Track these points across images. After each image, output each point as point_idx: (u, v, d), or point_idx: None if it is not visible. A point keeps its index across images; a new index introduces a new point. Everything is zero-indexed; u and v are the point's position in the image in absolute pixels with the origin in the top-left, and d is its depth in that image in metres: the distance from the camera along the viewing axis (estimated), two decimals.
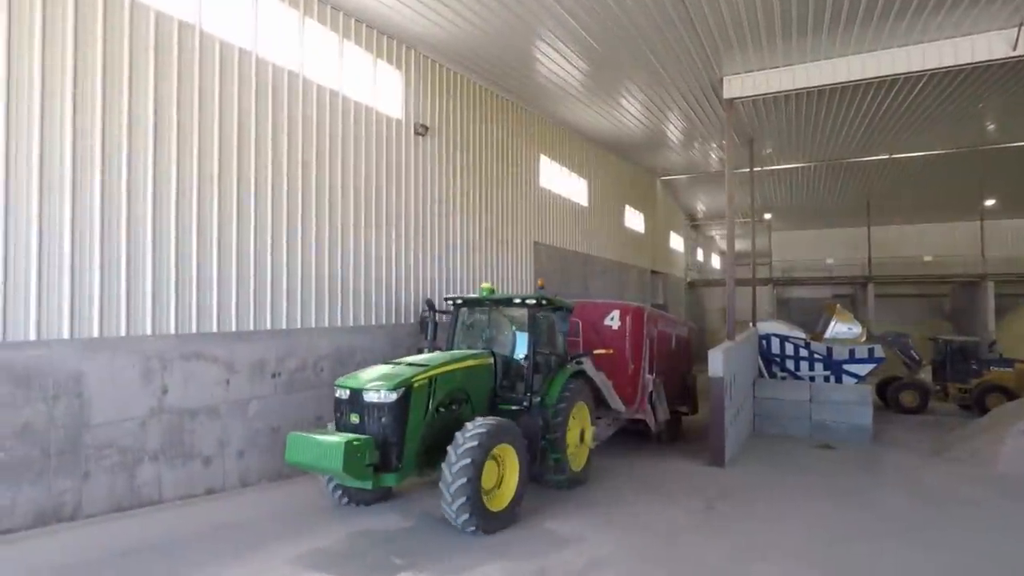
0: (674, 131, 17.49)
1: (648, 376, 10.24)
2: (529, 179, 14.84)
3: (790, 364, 15.45)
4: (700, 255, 38.52)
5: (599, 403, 9.08)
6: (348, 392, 6.20)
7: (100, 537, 5.72)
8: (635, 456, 10.29)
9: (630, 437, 11.29)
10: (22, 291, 5.67)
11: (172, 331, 6.80)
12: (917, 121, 16.05)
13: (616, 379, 9.55)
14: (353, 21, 9.51)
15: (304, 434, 5.84)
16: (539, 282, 8.16)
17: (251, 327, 7.69)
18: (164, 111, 6.85)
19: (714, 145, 19.17)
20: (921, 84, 13.27)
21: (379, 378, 6.20)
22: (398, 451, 5.95)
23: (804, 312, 31.83)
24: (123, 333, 6.36)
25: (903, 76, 11.62)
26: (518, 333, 8.03)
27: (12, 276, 5.62)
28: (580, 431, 8.16)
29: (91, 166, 6.21)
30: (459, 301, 8.31)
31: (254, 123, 7.85)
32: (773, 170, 22.44)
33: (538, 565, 5.39)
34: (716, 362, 9.98)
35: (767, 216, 31.89)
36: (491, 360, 7.41)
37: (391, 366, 6.58)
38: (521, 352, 7.78)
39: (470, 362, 7.03)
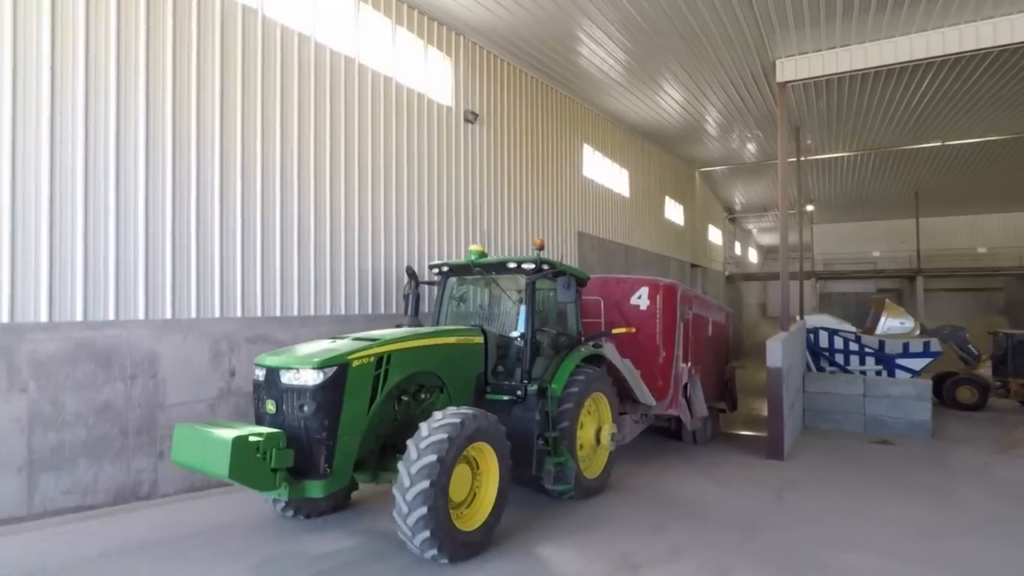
0: (714, 120, 17.13)
1: (682, 365, 8.80)
2: (573, 169, 14.71)
3: (839, 358, 15.03)
4: (738, 249, 37.79)
5: (624, 397, 7.85)
6: (264, 372, 4.75)
7: (180, 514, 5.83)
8: (672, 456, 9.20)
9: (657, 437, 10.34)
10: (101, 273, 5.79)
11: (239, 314, 6.88)
12: (974, 105, 15.39)
13: (645, 368, 8.27)
14: (405, 7, 9.50)
15: (193, 426, 4.47)
16: (536, 241, 6.33)
17: (312, 312, 7.74)
18: (229, 97, 6.92)
19: (753, 135, 18.71)
20: (979, 64, 12.70)
21: (305, 355, 4.74)
22: (327, 451, 4.52)
23: (846, 306, 31.01)
24: (193, 315, 6.44)
25: (961, 55, 11.11)
26: (514, 306, 6.67)
27: (92, 259, 5.74)
28: (596, 429, 6.81)
29: (163, 155, 6.30)
30: (444, 268, 6.88)
31: (313, 108, 7.89)
32: (816, 160, 21.82)
33: None
34: (775, 352, 9.74)
35: (809, 208, 31.08)
36: (479, 339, 5.98)
37: (332, 340, 5.21)
38: (517, 329, 6.34)
39: (445, 339, 5.58)
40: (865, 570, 4.96)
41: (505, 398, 6.02)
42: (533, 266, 6.20)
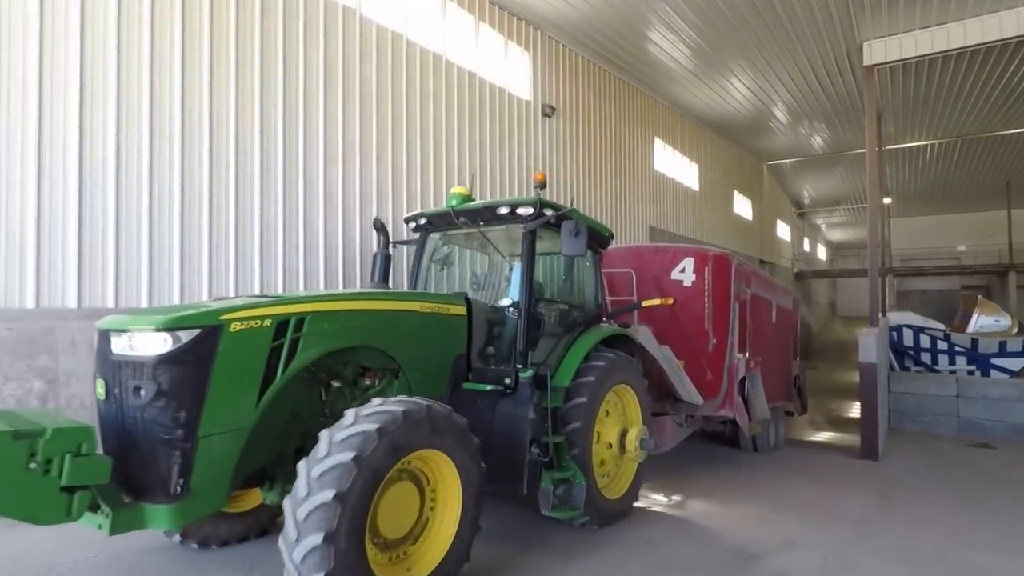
0: (783, 110, 16.67)
1: (738, 356, 7.17)
2: (644, 162, 14.61)
3: (926, 357, 14.32)
4: (806, 245, 36.37)
5: (662, 394, 6.48)
6: (97, 339, 3.31)
7: None
8: (727, 465, 7.73)
9: (703, 443, 8.89)
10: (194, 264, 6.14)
11: None
12: None
13: (690, 358, 6.83)
14: (487, 3, 9.66)
15: None
16: (537, 176, 4.76)
17: None
18: (331, 91, 7.22)
19: (826, 124, 17.99)
20: None
21: (149, 313, 3.36)
22: (181, 459, 2.98)
23: (927, 304, 29.34)
24: None
25: None
26: (508, 266, 5.39)
27: (187, 252, 6.07)
28: (620, 433, 5.17)
29: (251, 148, 6.49)
30: (421, 220, 5.30)
31: (405, 103, 8.15)
32: (895, 149, 20.74)
33: None
34: (869, 347, 9.35)
35: (886, 201, 29.58)
36: (460, 309, 4.49)
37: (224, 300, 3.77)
38: (510, 295, 4.88)
39: (401, 304, 4.11)
40: (1005, 571, 4.68)
41: (488, 388, 4.40)
42: (531, 210, 4.58)
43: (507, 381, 4.38)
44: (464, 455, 3.49)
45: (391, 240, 5.62)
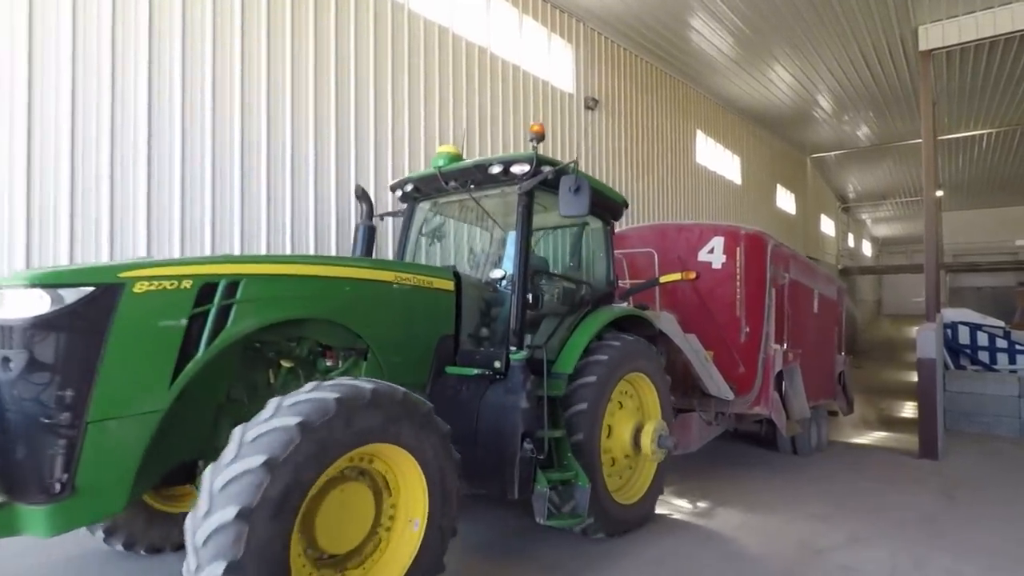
0: (828, 100, 16.17)
1: (775, 347, 6.44)
2: (686, 155, 14.44)
3: (983, 355, 13.76)
4: (851, 241, 35.27)
5: (688, 388, 5.98)
6: None
7: None
8: (763, 467, 7.09)
9: (738, 445, 8.28)
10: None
11: None
12: None
13: (720, 349, 6.21)
14: None
15: None
16: (533, 127, 4.04)
17: None
18: (382, 85, 7.31)
19: (874, 114, 17.38)
20: None
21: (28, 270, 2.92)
22: (63, 450, 2.42)
23: (981, 301, 28.07)
24: None
25: None
26: (502, 235, 4.88)
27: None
28: (635, 428, 4.60)
29: (305, 137, 6.59)
30: (408, 188, 4.73)
31: (452, 96, 8.21)
32: (950, 139, 19.90)
33: None
34: (927, 342, 8.99)
35: (938, 194, 28.45)
36: (447, 283, 3.99)
37: None
38: (503, 268, 4.37)
39: (372, 273, 3.56)
40: None
41: (474, 373, 3.82)
42: (527, 168, 4.02)
43: (497, 365, 3.74)
44: (427, 448, 2.84)
45: (375, 211, 4.92)
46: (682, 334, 5.75)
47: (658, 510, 5.05)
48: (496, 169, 4.11)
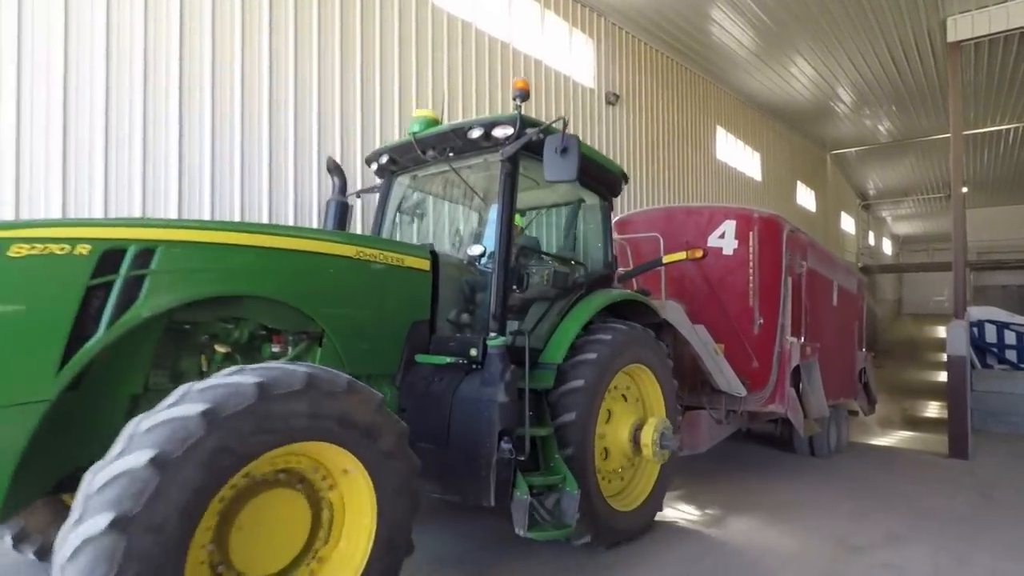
0: (848, 94, 16.02)
1: (791, 340, 5.98)
2: (707, 151, 14.33)
3: (1010, 354, 13.54)
4: (871, 239, 34.76)
5: (697, 384, 5.61)
6: None
7: None
8: (778, 468, 6.70)
9: (749, 445, 7.93)
10: None
11: None
12: None
13: (731, 342, 5.83)
14: None
15: None
16: (517, 83, 3.59)
17: None
18: (406, 80, 7.31)
19: (896, 109, 17.08)
20: None
21: None
22: None
23: (1007, 300, 27.51)
24: None
25: None
26: (485, 210, 4.49)
27: None
28: (635, 425, 4.13)
29: (333, 128, 6.60)
30: (383, 160, 4.29)
31: (475, 91, 8.20)
32: (974, 134, 19.51)
33: None
34: (958, 339, 8.84)
35: (963, 190, 27.92)
36: (422, 262, 3.56)
37: None
38: (484, 244, 3.86)
39: (323, 246, 3.08)
40: None
41: (447, 362, 3.37)
42: (510, 130, 3.57)
43: (473, 352, 3.28)
44: (371, 446, 2.35)
45: (347, 187, 4.42)
46: (689, 325, 5.35)
47: (667, 515, 4.76)
48: (476, 133, 3.65)
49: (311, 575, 2.37)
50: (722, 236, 5.98)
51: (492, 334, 3.36)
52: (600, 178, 4.45)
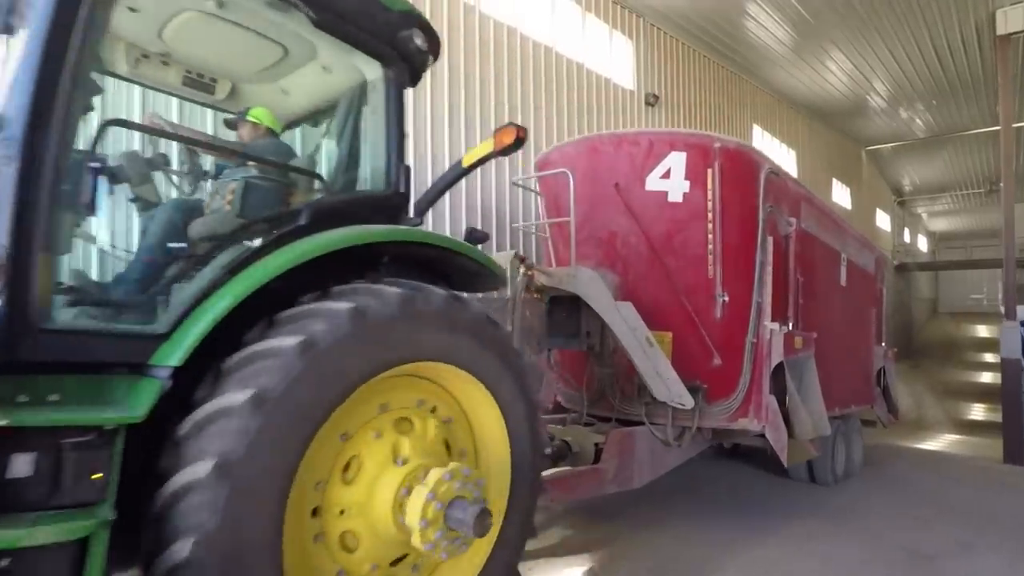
0: (885, 89, 15.72)
1: (770, 327, 4.22)
2: None
3: None
4: (907, 236, 33.95)
5: (632, 388, 4.14)
6: None
7: None
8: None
9: (720, 460, 6.42)
10: None
11: None
12: None
13: (682, 329, 4.18)
14: None
15: None
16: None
17: None
18: (455, 84, 7.41)
19: (937, 103, 16.68)
20: None
21: None
22: None
23: None
24: None
25: None
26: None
27: None
28: (402, 488, 2.14)
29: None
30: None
31: (520, 95, 8.27)
32: (1018, 128, 18.92)
33: None
34: (1012, 340, 8.62)
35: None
36: None
37: None
38: None
39: None
40: None
41: None
42: None
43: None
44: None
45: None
46: (610, 302, 3.72)
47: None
48: None
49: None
50: (666, 175, 4.11)
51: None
52: (380, 29, 2.59)
